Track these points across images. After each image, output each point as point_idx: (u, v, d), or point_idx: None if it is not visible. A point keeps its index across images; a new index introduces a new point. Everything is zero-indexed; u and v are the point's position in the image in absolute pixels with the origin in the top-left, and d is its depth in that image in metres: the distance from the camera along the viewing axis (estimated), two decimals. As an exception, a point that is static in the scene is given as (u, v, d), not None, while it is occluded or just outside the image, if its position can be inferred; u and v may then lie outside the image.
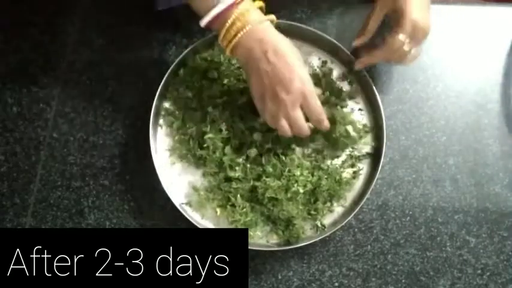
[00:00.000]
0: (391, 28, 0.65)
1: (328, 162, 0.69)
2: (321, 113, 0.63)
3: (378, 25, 0.68)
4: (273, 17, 0.63)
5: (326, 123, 0.65)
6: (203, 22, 0.61)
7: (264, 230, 0.68)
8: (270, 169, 0.67)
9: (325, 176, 0.68)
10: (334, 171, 0.68)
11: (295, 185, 0.67)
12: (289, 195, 0.66)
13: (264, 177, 0.66)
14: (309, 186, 0.67)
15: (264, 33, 0.61)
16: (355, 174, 0.70)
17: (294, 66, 0.60)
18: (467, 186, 0.71)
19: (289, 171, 0.67)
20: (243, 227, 0.66)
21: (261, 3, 0.63)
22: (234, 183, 0.67)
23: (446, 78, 0.75)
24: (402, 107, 0.74)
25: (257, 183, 0.66)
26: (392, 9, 0.65)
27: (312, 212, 0.67)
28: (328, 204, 0.68)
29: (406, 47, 0.64)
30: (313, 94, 0.62)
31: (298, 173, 0.67)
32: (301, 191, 0.66)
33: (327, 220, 0.68)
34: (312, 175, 0.68)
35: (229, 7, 0.59)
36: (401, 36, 0.63)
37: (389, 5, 0.65)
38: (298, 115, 0.62)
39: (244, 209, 0.67)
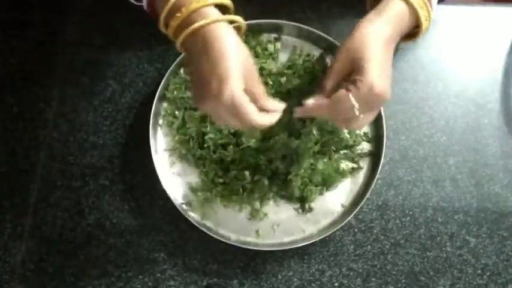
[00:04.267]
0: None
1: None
2: (253, 125, 0.51)
3: (336, 86, 0.58)
4: (237, 18, 0.53)
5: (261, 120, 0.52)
6: (144, 1, 0.53)
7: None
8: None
9: (324, 159, 0.69)
10: (334, 159, 0.69)
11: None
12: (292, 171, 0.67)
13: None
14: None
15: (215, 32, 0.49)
16: (352, 170, 0.70)
17: (218, 63, 0.49)
18: (467, 186, 0.71)
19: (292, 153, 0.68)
20: (257, 201, 0.68)
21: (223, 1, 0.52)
22: (234, 166, 0.68)
23: (446, 78, 0.75)
24: (402, 107, 0.74)
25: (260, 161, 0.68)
26: (352, 70, 0.56)
27: (304, 194, 0.68)
28: (319, 187, 0.69)
29: (356, 111, 0.54)
30: (237, 102, 0.49)
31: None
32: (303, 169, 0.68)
33: (326, 221, 0.69)
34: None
35: None
36: (351, 97, 0.54)
37: (349, 66, 0.56)
38: (227, 120, 0.52)
39: (254, 183, 0.68)
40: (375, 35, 0.55)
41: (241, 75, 0.50)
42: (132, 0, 0.59)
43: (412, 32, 0.60)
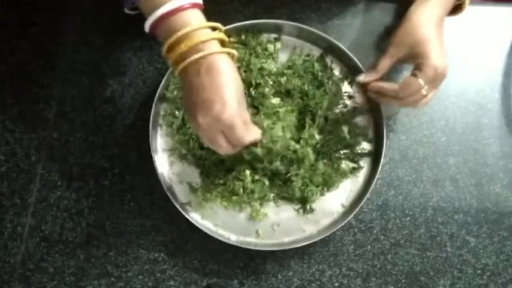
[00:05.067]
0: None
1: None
2: (242, 143, 0.57)
3: (389, 67, 0.66)
4: (232, 51, 0.57)
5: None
6: (147, 25, 0.56)
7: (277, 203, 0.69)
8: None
9: (324, 160, 0.69)
10: (334, 159, 0.69)
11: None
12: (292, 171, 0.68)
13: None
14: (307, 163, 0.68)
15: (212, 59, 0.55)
16: (353, 170, 0.70)
17: (222, 89, 0.54)
18: (467, 186, 0.71)
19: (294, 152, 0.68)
20: (258, 202, 0.68)
21: (222, 35, 0.57)
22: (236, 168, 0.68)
23: (446, 78, 0.75)
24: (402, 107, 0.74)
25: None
26: (410, 54, 0.63)
27: (305, 194, 0.68)
28: (320, 188, 0.69)
29: (424, 92, 0.63)
30: (235, 123, 0.55)
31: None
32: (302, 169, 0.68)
33: (326, 221, 0.69)
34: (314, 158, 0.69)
35: (178, 9, 0.54)
36: (421, 81, 0.62)
37: (405, 50, 0.64)
38: (215, 139, 0.56)
39: (255, 183, 0.68)
40: (427, 18, 0.63)
41: (237, 101, 0.56)
42: (127, 11, 0.60)
43: (454, 8, 0.67)
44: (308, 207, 0.69)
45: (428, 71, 0.61)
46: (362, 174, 0.70)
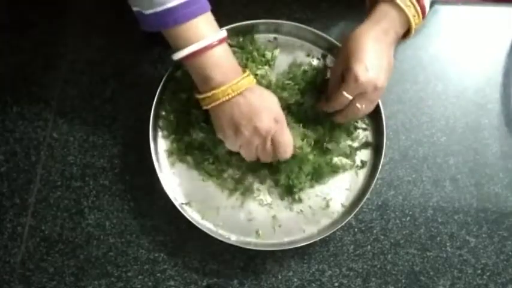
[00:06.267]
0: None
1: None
2: (289, 145, 0.63)
3: (335, 83, 0.65)
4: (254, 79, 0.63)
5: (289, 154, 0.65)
6: (175, 57, 0.60)
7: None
8: None
9: (314, 152, 0.68)
10: (324, 150, 0.69)
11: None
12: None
13: None
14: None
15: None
16: (349, 166, 0.70)
17: (266, 101, 0.61)
18: (467, 186, 0.71)
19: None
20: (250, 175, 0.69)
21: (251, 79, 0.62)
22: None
23: (446, 78, 0.76)
24: (402, 107, 0.74)
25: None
26: (345, 68, 0.63)
27: (291, 182, 0.68)
28: (309, 177, 0.68)
29: (358, 104, 0.63)
30: (285, 125, 0.62)
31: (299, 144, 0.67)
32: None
33: (326, 221, 0.68)
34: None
35: (209, 46, 0.58)
36: (344, 92, 0.62)
37: (342, 64, 0.63)
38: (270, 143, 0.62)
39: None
40: (361, 35, 0.62)
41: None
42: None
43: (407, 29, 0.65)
44: (297, 197, 0.68)
45: (349, 81, 0.61)
46: (362, 174, 0.70)
